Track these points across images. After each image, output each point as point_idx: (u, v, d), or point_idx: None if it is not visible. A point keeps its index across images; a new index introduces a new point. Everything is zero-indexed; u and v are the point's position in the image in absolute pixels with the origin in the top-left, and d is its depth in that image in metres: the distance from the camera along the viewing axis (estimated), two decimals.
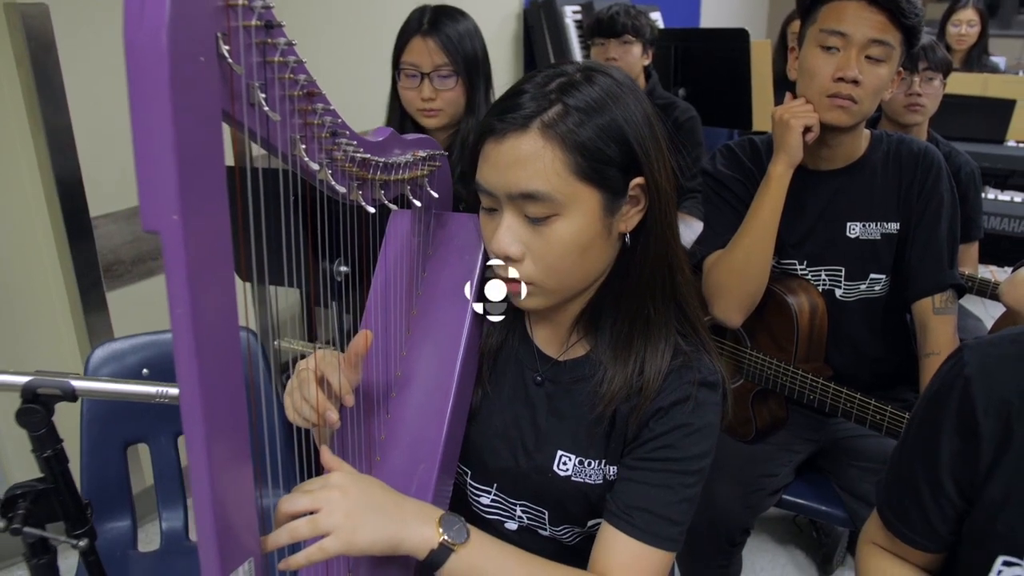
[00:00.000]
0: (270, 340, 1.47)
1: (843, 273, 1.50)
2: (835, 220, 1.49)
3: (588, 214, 0.81)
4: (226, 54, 0.55)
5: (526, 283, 0.85)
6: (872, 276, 1.50)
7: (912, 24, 1.33)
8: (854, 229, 1.48)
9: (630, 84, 0.85)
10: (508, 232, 0.83)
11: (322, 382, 0.83)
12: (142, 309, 2.13)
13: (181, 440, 1.46)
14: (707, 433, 0.88)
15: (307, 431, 0.86)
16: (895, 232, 1.48)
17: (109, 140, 1.97)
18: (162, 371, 1.45)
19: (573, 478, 0.92)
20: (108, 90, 1.95)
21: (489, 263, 0.89)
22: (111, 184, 2.01)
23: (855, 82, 1.33)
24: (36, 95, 1.82)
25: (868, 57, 1.33)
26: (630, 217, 0.86)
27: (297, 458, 1.41)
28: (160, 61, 0.50)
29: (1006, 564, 0.78)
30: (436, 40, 1.60)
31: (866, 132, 1.50)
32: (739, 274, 1.44)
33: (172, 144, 0.52)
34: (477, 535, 0.80)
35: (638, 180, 0.83)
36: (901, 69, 1.41)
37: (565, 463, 0.92)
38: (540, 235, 0.82)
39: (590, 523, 0.95)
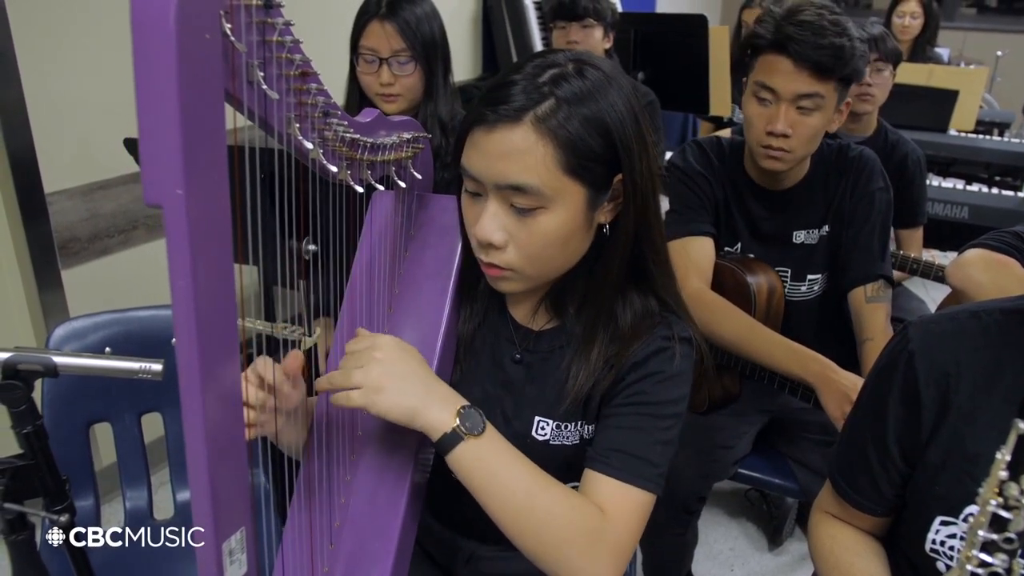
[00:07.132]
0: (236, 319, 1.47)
1: (789, 274, 1.59)
2: (784, 231, 1.57)
3: (572, 208, 0.84)
4: (228, 32, 0.56)
5: (507, 269, 0.87)
6: (809, 277, 1.59)
7: (845, 74, 1.36)
8: (799, 236, 1.57)
9: (619, 79, 0.86)
10: (493, 220, 0.84)
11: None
12: (99, 288, 2.09)
13: (145, 419, 1.45)
14: (679, 381, 0.91)
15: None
16: (827, 233, 1.56)
17: (64, 113, 1.91)
18: (126, 350, 1.42)
19: (551, 442, 0.95)
20: (63, 61, 1.89)
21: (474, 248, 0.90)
22: (66, 159, 1.96)
23: (784, 135, 1.39)
24: None
25: (800, 107, 1.38)
26: (608, 210, 0.88)
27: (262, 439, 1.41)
28: (167, 37, 0.51)
29: (943, 524, 0.84)
30: (394, 24, 1.57)
31: None
32: (719, 336, 1.48)
33: (177, 120, 0.52)
34: (492, 432, 0.84)
35: (619, 177, 0.85)
36: (848, 101, 1.44)
37: (543, 428, 0.95)
38: (524, 225, 0.84)
39: (569, 485, 0.98)
